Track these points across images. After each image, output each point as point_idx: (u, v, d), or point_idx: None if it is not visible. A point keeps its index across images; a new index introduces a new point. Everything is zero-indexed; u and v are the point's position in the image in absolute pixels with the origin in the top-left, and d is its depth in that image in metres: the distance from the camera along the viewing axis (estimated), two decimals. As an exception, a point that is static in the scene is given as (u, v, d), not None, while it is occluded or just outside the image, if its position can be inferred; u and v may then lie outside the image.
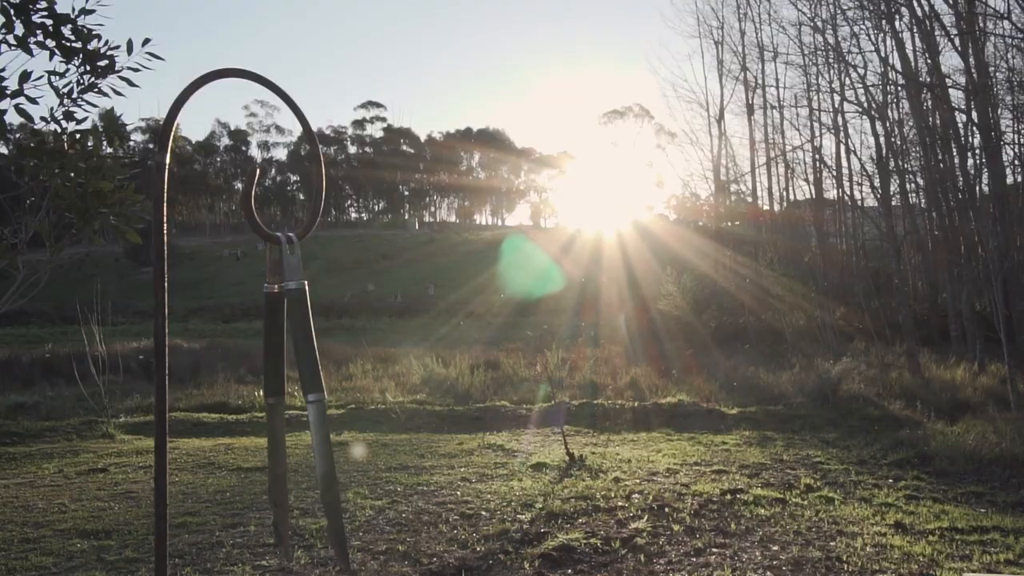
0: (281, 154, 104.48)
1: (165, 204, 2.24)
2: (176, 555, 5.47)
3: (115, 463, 9.06)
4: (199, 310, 44.02)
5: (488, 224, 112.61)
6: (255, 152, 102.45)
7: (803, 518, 6.21)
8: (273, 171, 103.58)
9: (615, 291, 32.39)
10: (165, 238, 2.24)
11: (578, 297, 36.33)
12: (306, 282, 2.50)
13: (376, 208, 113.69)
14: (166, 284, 2.30)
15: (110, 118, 4.18)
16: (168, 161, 2.09)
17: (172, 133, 2.14)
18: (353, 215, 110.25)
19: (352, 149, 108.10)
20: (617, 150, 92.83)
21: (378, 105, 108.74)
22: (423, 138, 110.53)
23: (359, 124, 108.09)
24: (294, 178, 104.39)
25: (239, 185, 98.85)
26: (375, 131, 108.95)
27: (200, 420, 12.21)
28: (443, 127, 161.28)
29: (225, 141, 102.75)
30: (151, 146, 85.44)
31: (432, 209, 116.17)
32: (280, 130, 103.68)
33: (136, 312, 40.62)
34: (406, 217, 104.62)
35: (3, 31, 3.98)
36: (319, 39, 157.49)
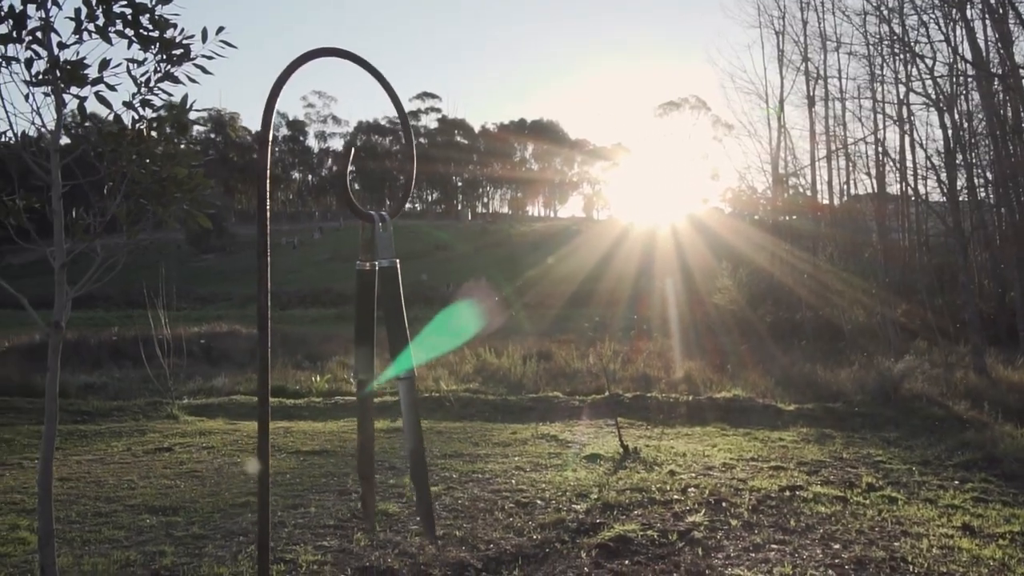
0: (337, 144, 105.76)
1: (268, 179, 2.29)
2: (240, 533, 5.62)
3: (180, 443, 9.33)
4: (256, 297, 44.90)
5: (541, 216, 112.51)
6: (312, 142, 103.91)
7: (865, 517, 6.08)
8: (329, 161, 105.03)
9: (669, 284, 32.07)
10: (267, 213, 2.30)
11: (632, 290, 36.08)
12: (398, 260, 2.54)
13: (429, 199, 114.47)
14: (268, 260, 2.35)
15: (182, 106, 4.28)
16: (270, 137, 2.13)
17: (274, 111, 2.19)
18: (407, 206, 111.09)
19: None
20: (672, 142, 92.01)
21: (433, 96, 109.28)
22: (477, 129, 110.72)
23: (414, 115, 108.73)
24: (350, 168, 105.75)
25: (296, 175, 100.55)
26: (430, 122, 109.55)
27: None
28: (497, 118, 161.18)
29: (283, 131, 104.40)
30: (213, 136, 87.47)
31: (485, 200, 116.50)
32: (337, 120, 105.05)
33: (196, 298, 41.69)
34: (459, 208, 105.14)
35: (85, 20, 4.10)
36: (376, 30, 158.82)
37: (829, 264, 27.00)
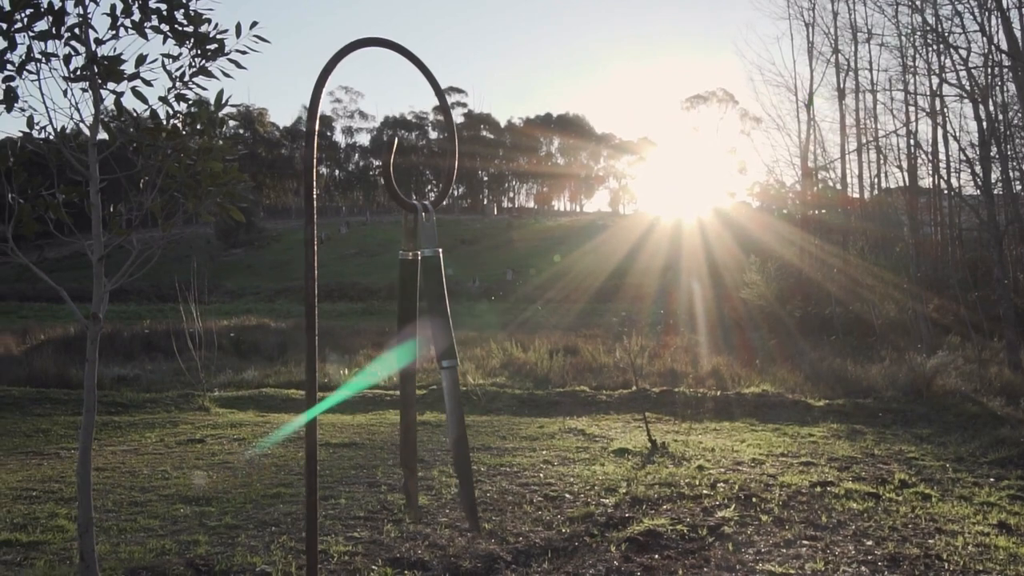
0: (364, 139, 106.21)
1: (315, 169, 2.31)
2: (272, 523, 5.69)
3: (211, 434, 9.46)
4: (285, 291, 45.34)
5: (567, 210, 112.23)
6: (339, 138, 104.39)
7: (898, 514, 6.01)
8: (356, 156, 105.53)
9: (696, 279, 31.90)
10: (314, 203, 2.32)
11: (658, 285, 35.92)
12: (440, 250, 2.56)
13: (455, 193, 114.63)
14: (315, 249, 2.37)
15: (218, 101, 4.32)
16: (316, 128, 2.15)
17: (320, 101, 2.21)
18: (433, 200, 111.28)
19: (433, 135, 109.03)
20: (699, 136, 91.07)
21: (459, 91, 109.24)
22: (503, 124, 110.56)
23: (440, 110, 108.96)
24: (376, 163, 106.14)
25: (323, 170, 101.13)
26: (456, 116, 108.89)
27: (289, 396, 12.60)
28: (523, 113, 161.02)
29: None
30: (241, 131, 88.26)
31: (511, 195, 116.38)
32: (363, 116, 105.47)
33: (226, 292, 42.16)
34: (485, 203, 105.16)
35: (121, 16, 4.16)
36: (402, 24, 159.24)
37: (859, 258, 26.67)
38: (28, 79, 4.06)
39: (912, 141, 24.23)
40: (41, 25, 3.99)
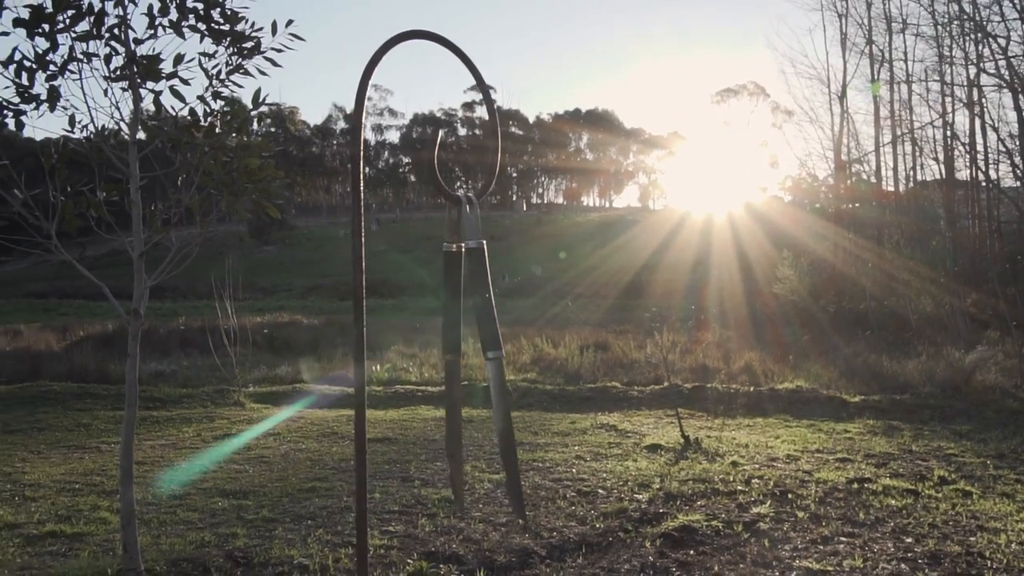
0: (394, 137, 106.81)
1: (361, 161, 2.33)
2: (308, 517, 5.75)
3: (247, 430, 9.57)
4: (316, 288, 45.80)
5: (596, 206, 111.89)
6: (369, 135, 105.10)
7: (938, 511, 5.92)
8: (386, 153, 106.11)
9: (726, 274, 31.61)
10: (362, 195, 2.34)
11: (688, 280, 35.68)
12: (484, 241, 2.57)
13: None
14: (363, 240, 2.39)
15: (255, 99, 4.37)
16: (363, 119, 2.17)
17: (366, 93, 2.23)
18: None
19: (462, 131, 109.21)
20: (729, 130, 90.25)
21: (487, 87, 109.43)
22: (531, 120, 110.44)
23: (468, 107, 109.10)
24: (406, 160, 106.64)
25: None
26: (484, 113, 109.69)
27: (322, 392, 12.72)
28: (551, 108, 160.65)
29: (341, 124, 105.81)
30: (273, 129, 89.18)
31: (540, 191, 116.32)
32: (393, 113, 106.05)
33: (258, 289, 42.63)
34: (513, 199, 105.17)
35: (159, 15, 4.22)
36: (430, 20, 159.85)
37: (894, 253, 26.24)
38: (70, 79, 4.14)
39: (949, 132, 23.81)
40: (82, 26, 4.06)
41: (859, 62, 26.87)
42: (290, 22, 4.24)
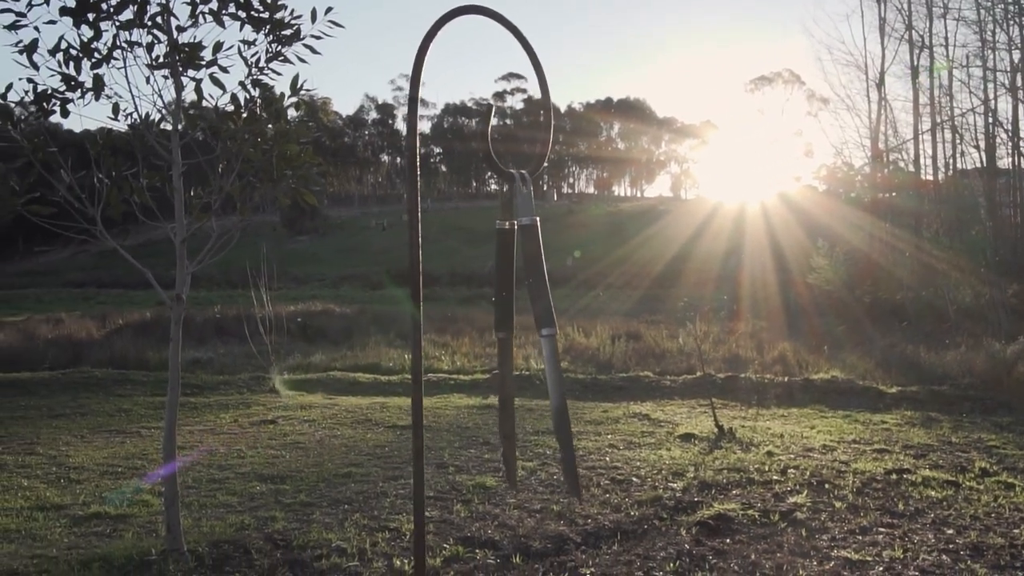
0: (425, 127, 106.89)
1: (417, 137, 2.35)
2: (344, 501, 5.82)
3: (282, 416, 9.70)
4: (349, 277, 46.13)
5: (627, 195, 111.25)
6: (400, 125, 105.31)
7: (980, 503, 5.82)
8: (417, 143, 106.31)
9: (759, 264, 31.30)
10: (418, 173, 2.36)
11: (720, 270, 35.36)
12: (538, 218, 2.57)
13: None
14: (419, 217, 2.40)
15: (293, 86, 4.40)
16: (419, 96, 2.19)
17: (422, 69, 2.25)
18: (493, 187, 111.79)
19: (493, 121, 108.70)
20: (763, 118, 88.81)
21: (519, 76, 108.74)
22: (563, 109, 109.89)
23: (499, 96, 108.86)
24: (437, 150, 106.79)
25: (385, 158, 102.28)
26: (515, 103, 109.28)
27: (356, 380, 12.83)
28: (583, 97, 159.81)
29: (372, 115, 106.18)
30: (306, 119, 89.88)
31: (570, 180, 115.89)
32: (424, 103, 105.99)
33: (292, 278, 43.03)
34: (544, 189, 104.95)
35: (201, 3, 4.26)
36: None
37: (932, 243, 25.78)
38: (114, 67, 4.20)
39: (991, 119, 23.32)
40: (126, 14, 4.12)
41: (898, 48, 26.38)
42: (329, 9, 4.26)
